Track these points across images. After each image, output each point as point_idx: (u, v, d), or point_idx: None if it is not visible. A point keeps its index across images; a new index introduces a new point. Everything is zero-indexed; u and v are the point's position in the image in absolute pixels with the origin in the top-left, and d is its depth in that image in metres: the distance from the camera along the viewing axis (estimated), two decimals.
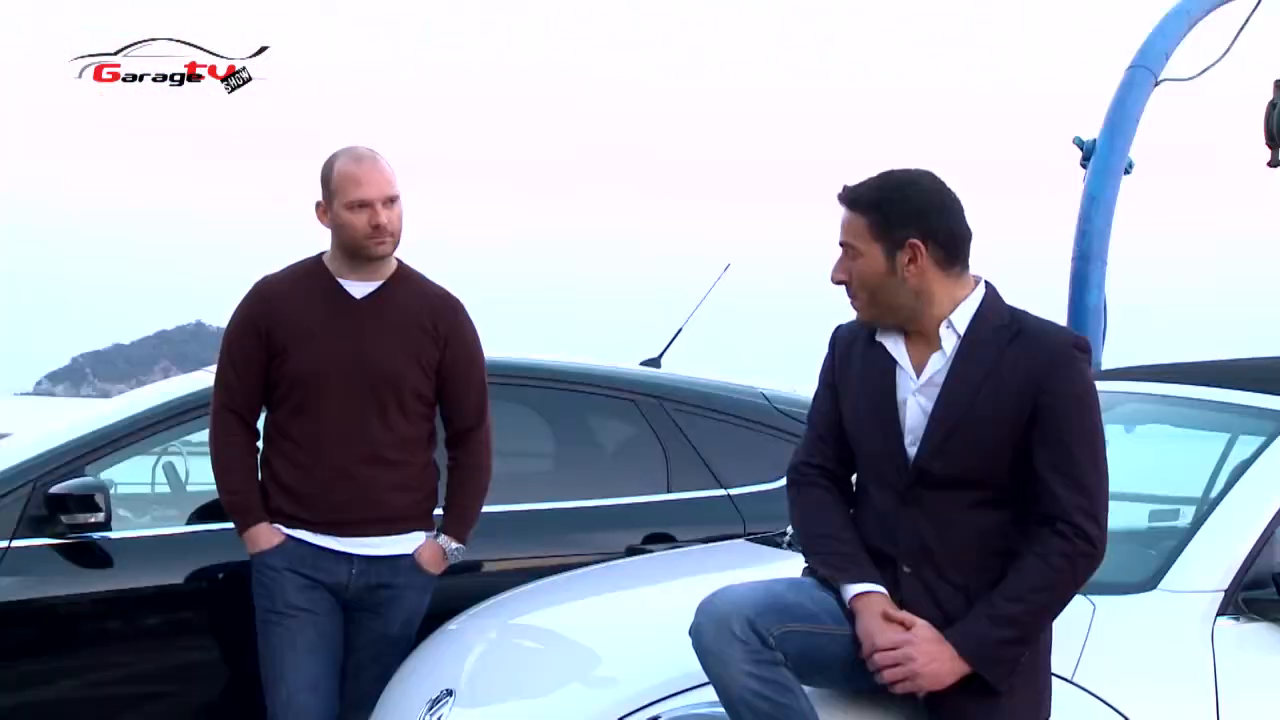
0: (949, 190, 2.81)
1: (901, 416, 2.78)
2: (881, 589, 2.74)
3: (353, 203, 3.70)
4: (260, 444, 3.83)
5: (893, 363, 2.81)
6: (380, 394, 3.71)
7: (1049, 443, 2.67)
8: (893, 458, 2.78)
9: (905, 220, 2.74)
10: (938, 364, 2.77)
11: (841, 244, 2.81)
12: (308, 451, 3.72)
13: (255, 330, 3.76)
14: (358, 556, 3.74)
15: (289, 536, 3.72)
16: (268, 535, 3.73)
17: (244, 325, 3.78)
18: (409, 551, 3.79)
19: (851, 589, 2.75)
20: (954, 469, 2.72)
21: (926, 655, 2.63)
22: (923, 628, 2.67)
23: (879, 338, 2.83)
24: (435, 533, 3.85)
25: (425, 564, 3.81)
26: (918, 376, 2.78)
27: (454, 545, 3.85)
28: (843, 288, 2.83)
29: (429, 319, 3.79)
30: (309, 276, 3.81)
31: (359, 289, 3.77)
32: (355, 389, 3.70)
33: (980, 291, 2.80)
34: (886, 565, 2.76)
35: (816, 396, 3.00)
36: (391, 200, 3.72)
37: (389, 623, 3.78)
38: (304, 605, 3.70)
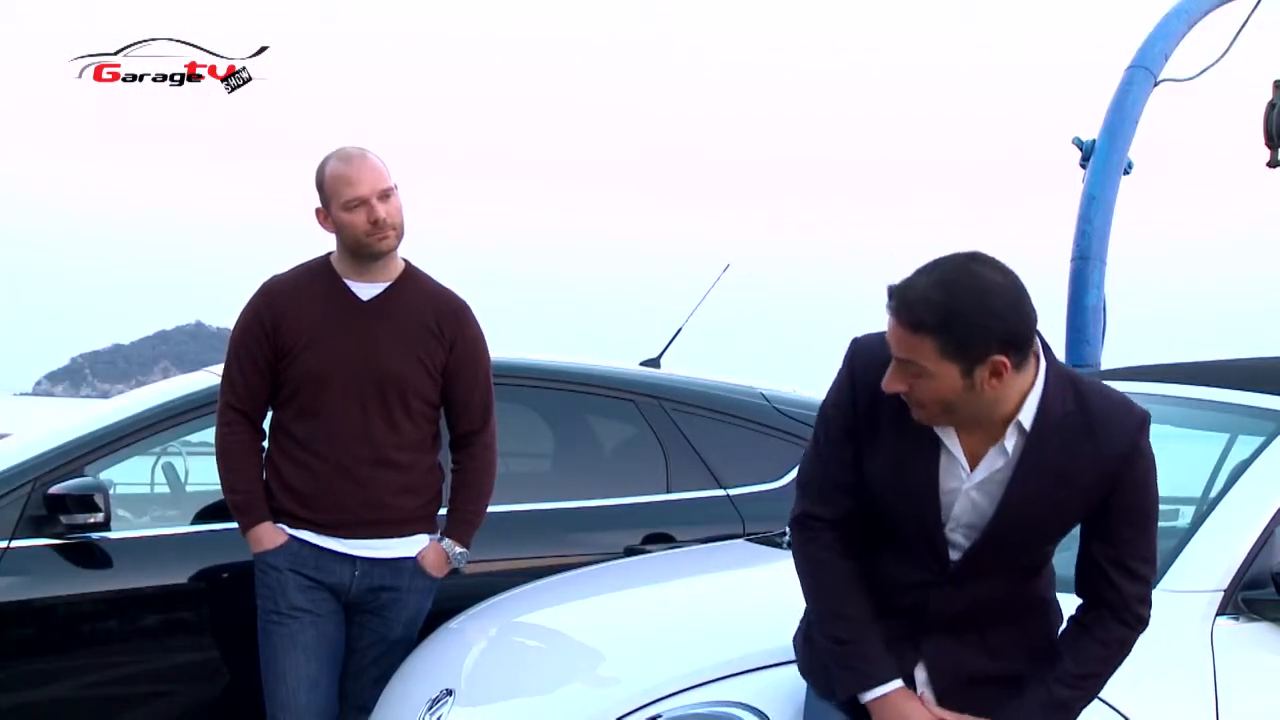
0: (1018, 283, 2.43)
1: (947, 507, 2.55)
2: (900, 684, 2.58)
3: (348, 202, 3.70)
4: (265, 444, 3.84)
5: (936, 442, 2.52)
6: (386, 395, 3.71)
7: (1112, 537, 2.55)
8: (931, 544, 2.57)
9: (983, 336, 2.37)
10: (997, 462, 2.51)
11: (900, 360, 2.43)
12: (312, 452, 3.72)
13: (262, 330, 3.76)
14: (360, 558, 3.73)
15: (292, 537, 3.72)
16: (271, 535, 3.73)
17: (251, 325, 3.78)
18: (412, 554, 3.79)
19: (870, 694, 2.58)
20: (1004, 560, 2.59)
21: None
22: None
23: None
24: (439, 535, 3.85)
25: (428, 567, 3.80)
26: (971, 470, 2.53)
27: (457, 549, 3.84)
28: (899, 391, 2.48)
29: (435, 321, 3.78)
30: (316, 277, 3.81)
31: (366, 290, 3.77)
32: (361, 390, 3.70)
33: (1041, 382, 2.49)
34: (905, 623, 2.63)
35: (830, 433, 2.64)
36: (386, 193, 3.72)
37: (390, 625, 3.78)
38: (306, 606, 3.70)
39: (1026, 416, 2.48)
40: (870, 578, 2.65)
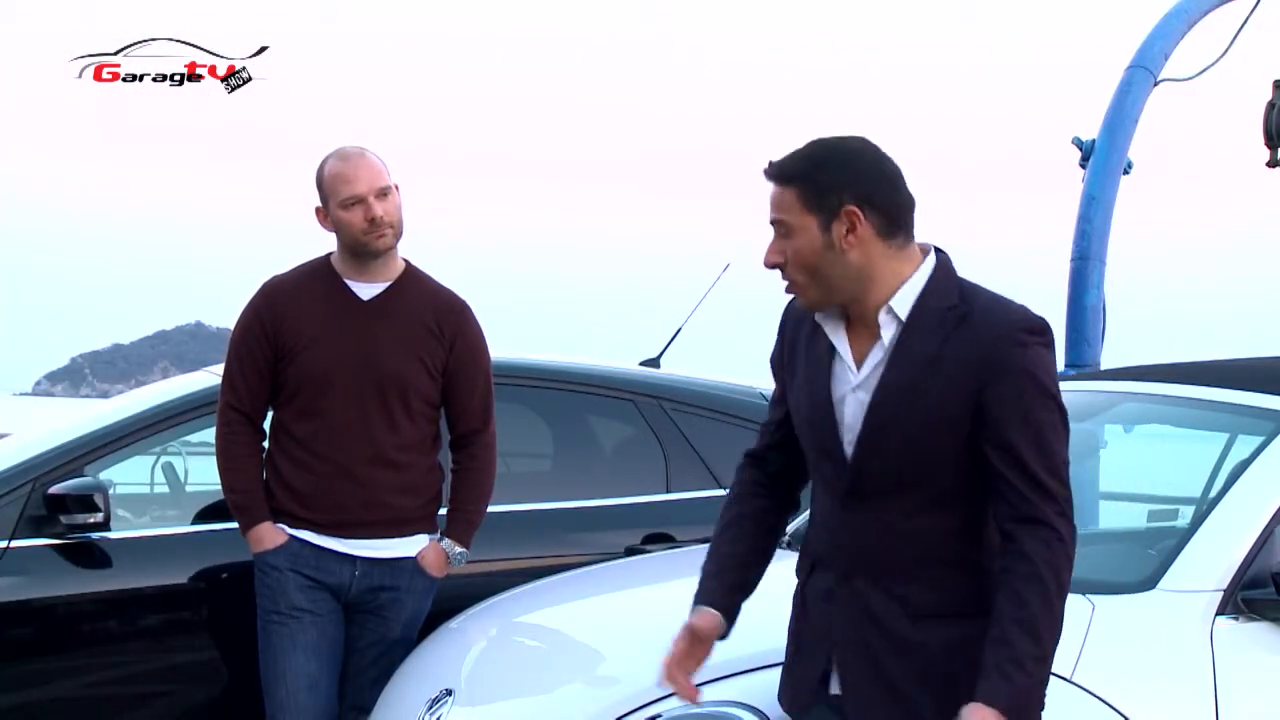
0: (884, 154, 2.54)
1: (840, 413, 2.53)
2: (710, 612, 2.62)
3: (345, 200, 3.71)
4: (266, 443, 3.84)
5: (833, 352, 2.56)
6: (386, 395, 3.71)
7: (1002, 441, 2.42)
8: (832, 458, 2.54)
9: (838, 186, 2.46)
10: (877, 356, 2.50)
11: (773, 222, 2.53)
12: (312, 452, 3.72)
13: (263, 330, 3.76)
14: (360, 558, 3.73)
15: (292, 537, 3.73)
16: (271, 535, 3.73)
17: (251, 325, 3.79)
18: (412, 554, 3.79)
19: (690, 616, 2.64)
20: (893, 471, 2.48)
21: None
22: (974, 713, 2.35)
23: (821, 322, 2.57)
24: (438, 536, 3.85)
25: (428, 567, 3.81)
26: (858, 369, 2.52)
27: (457, 549, 3.85)
28: (778, 272, 2.56)
29: (435, 320, 3.79)
30: (317, 277, 3.81)
31: (366, 290, 3.78)
32: (361, 390, 3.70)
33: (927, 267, 2.52)
34: (825, 572, 2.58)
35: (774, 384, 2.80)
36: (384, 192, 3.72)
37: (390, 625, 3.78)
38: (306, 606, 3.70)
39: (902, 305, 2.49)
40: (812, 527, 2.66)
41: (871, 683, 2.51)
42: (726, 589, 2.69)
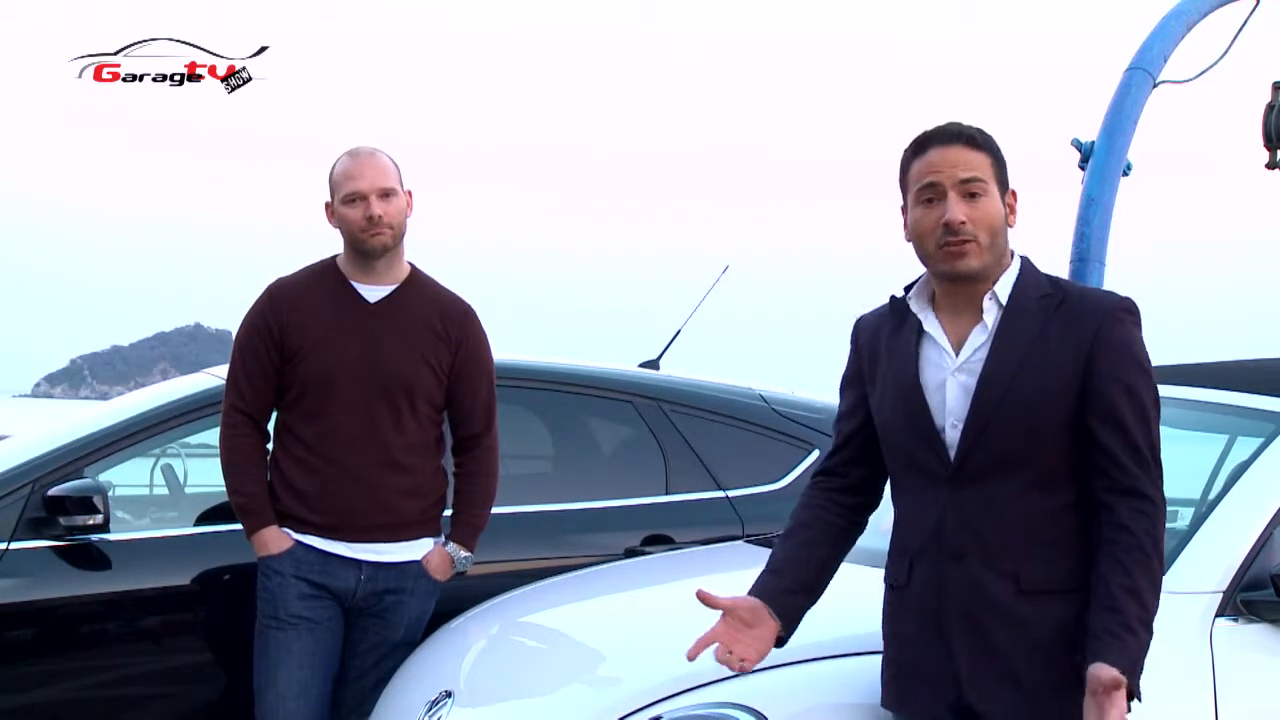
0: None
1: (940, 399, 2.60)
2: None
3: (347, 195, 3.72)
4: (271, 446, 3.84)
5: (920, 343, 2.64)
6: (392, 397, 3.71)
7: (1107, 414, 2.52)
8: (931, 445, 2.60)
9: (1007, 171, 2.64)
10: (979, 339, 2.60)
11: (962, 182, 2.56)
12: (319, 455, 3.72)
13: (269, 332, 3.76)
14: (366, 563, 3.73)
15: (297, 541, 3.72)
16: (277, 539, 3.72)
17: (257, 327, 3.79)
18: (417, 558, 3.79)
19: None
20: (1001, 451, 2.55)
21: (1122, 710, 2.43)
22: (1111, 688, 2.42)
23: (915, 310, 2.66)
24: (443, 539, 3.85)
25: (433, 571, 3.81)
26: (956, 354, 2.61)
27: (463, 553, 3.85)
28: (939, 236, 2.56)
29: (440, 323, 3.79)
30: (322, 279, 3.81)
31: (372, 293, 3.78)
32: (367, 392, 3.70)
33: (1018, 262, 2.64)
34: (932, 562, 2.61)
35: (840, 405, 2.86)
36: (387, 192, 3.73)
37: (393, 628, 3.78)
38: (304, 614, 3.70)
39: (1003, 289, 2.60)
40: (897, 527, 2.71)
41: (989, 665, 2.56)
42: (781, 587, 2.74)
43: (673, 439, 4.76)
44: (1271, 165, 6.73)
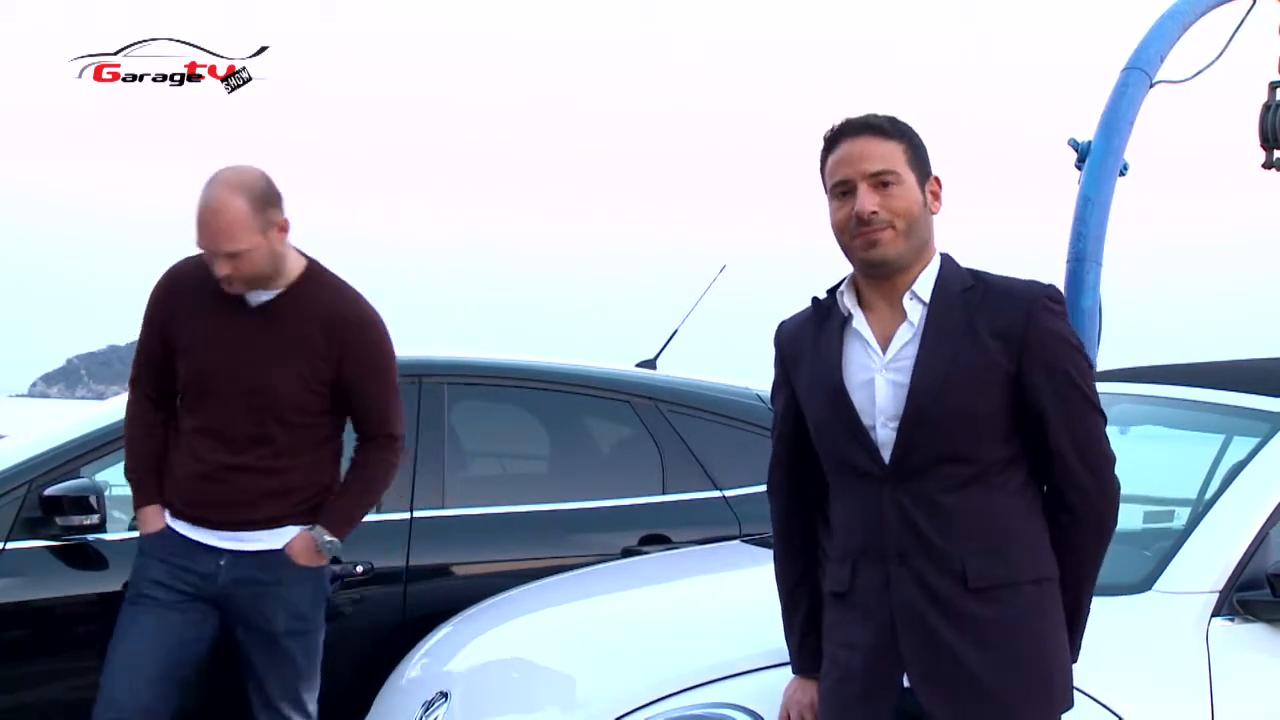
0: None
1: (867, 397, 2.56)
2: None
3: (198, 245, 3.65)
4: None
5: (843, 344, 2.61)
6: (255, 407, 3.66)
7: (1044, 403, 2.51)
8: (862, 443, 2.56)
9: (926, 151, 2.61)
10: (905, 336, 2.56)
11: (874, 174, 2.54)
12: (189, 447, 3.73)
13: (157, 324, 3.78)
14: (227, 551, 3.70)
15: (168, 525, 3.73)
16: (153, 518, 3.74)
17: (148, 316, 3.80)
18: (279, 546, 3.72)
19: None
20: (940, 447, 2.51)
21: None
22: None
23: (847, 304, 2.62)
24: (311, 525, 3.75)
25: (295, 556, 3.71)
26: (884, 352, 2.57)
27: (327, 538, 3.73)
28: (852, 227, 2.56)
29: (321, 335, 3.69)
30: (212, 277, 3.67)
31: (256, 295, 3.70)
32: (232, 398, 3.67)
33: (939, 259, 2.62)
34: (875, 564, 2.56)
35: (774, 414, 2.83)
36: (232, 255, 3.57)
37: (267, 618, 3.71)
38: (153, 594, 3.68)
39: (924, 287, 2.57)
40: (837, 531, 2.67)
41: (938, 665, 2.52)
42: (815, 648, 2.73)
43: (669, 439, 4.76)
44: (1268, 165, 6.73)
